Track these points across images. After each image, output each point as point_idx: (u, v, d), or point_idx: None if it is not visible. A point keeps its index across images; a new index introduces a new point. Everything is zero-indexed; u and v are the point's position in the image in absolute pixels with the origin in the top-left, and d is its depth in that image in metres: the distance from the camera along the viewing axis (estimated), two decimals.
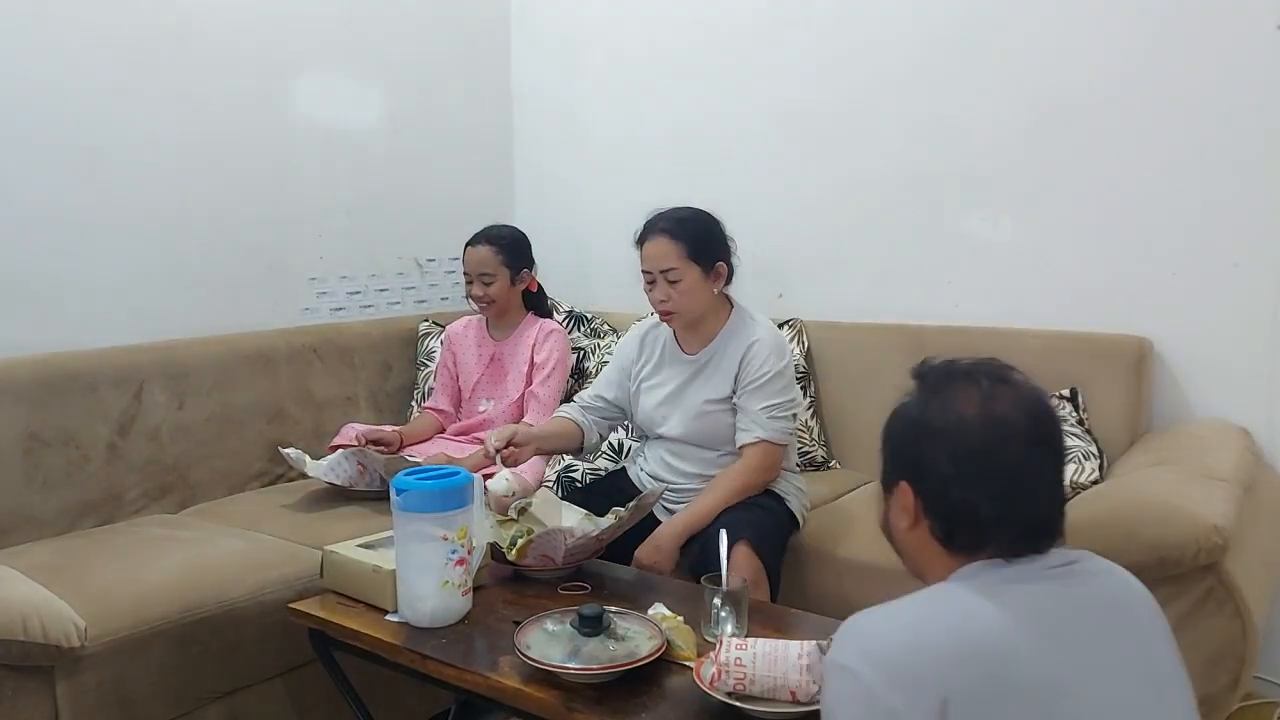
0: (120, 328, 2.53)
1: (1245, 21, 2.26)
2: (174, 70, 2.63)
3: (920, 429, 1.08)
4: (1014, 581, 1.02)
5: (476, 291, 2.67)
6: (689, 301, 2.10)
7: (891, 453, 1.13)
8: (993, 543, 1.04)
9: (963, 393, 1.07)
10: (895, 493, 1.11)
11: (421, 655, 1.59)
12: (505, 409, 2.71)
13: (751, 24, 3.01)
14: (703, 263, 2.10)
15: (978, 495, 1.04)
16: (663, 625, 1.55)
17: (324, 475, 2.47)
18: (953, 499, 1.05)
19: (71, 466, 2.32)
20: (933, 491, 1.07)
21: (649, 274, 2.12)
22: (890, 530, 1.16)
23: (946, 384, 1.09)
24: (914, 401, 1.12)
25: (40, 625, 1.63)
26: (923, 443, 1.07)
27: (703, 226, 2.14)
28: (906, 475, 1.09)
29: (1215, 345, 2.37)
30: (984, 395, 1.06)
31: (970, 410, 1.05)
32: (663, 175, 3.22)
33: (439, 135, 3.35)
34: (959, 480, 1.04)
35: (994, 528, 1.04)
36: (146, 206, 2.60)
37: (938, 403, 1.08)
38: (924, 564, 1.11)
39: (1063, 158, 2.53)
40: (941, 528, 1.07)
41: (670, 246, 2.08)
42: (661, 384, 2.22)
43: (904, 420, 1.11)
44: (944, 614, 0.99)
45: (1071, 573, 1.04)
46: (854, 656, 0.97)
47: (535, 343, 2.70)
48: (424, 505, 1.63)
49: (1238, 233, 2.32)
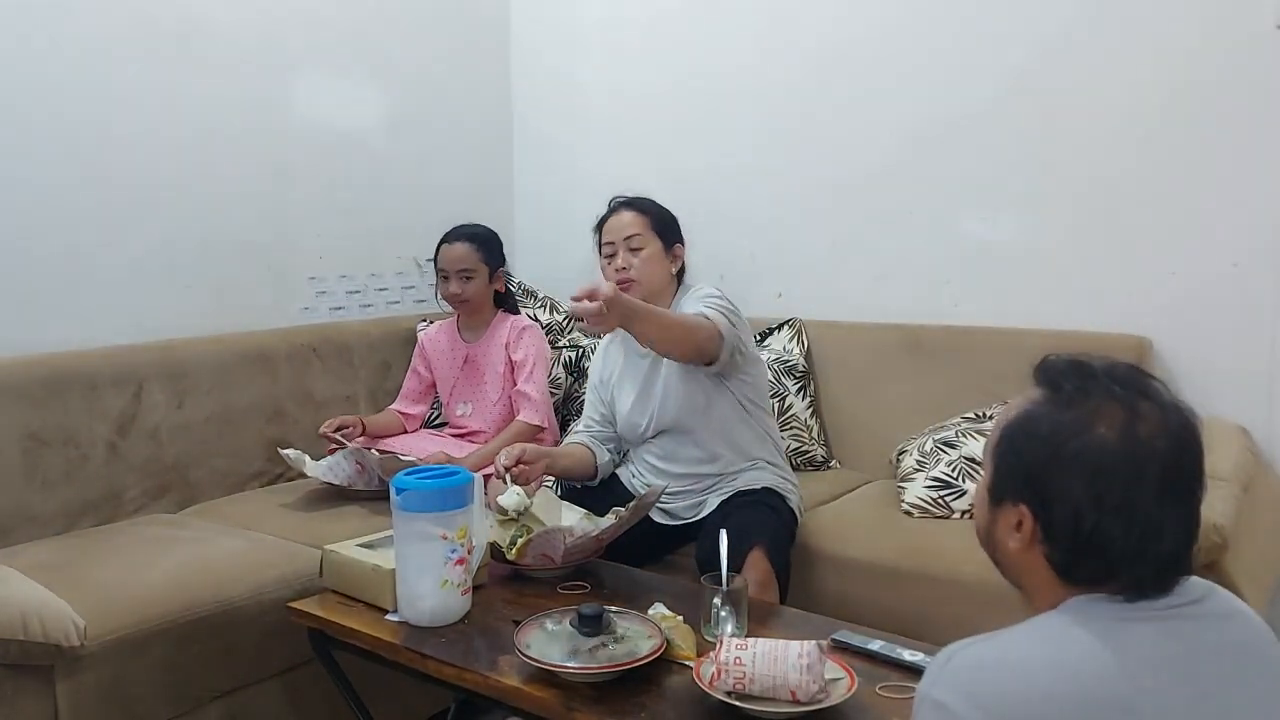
0: (120, 328, 2.53)
1: (1245, 21, 2.26)
2: (174, 70, 2.63)
3: (1053, 450, 0.95)
4: (1135, 620, 0.92)
5: (454, 289, 2.66)
6: (649, 270, 2.14)
7: (1011, 468, 0.99)
8: (1119, 580, 0.94)
9: (1104, 410, 0.94)
10: (1009, 510, 0.99)
11: (421, 655, 1.59)
12: (486, 410, 2.71)
13: (751, 24, 3.01)
14: (665, 238, 2.18)
15: (1113, 530, 0.92)
16: (663, 625, 1.55)
17: (323, 475, 2.47)
18: (1082, 531, 0.93)
19: (71, 466, 2.31)
20: (1060, 521, 0.95)
21: (610, 244, 2.18)
22: (993, 544, 1.04)
23: (1083, 397, 0.96)
24: (1044, 414, 0.97)
25: (40, 625, 1.63)
26: (1054, 466, 0.95)
27: (663, 209, 2.24)
28: (1027, 498, 0.97)
29: (1215, 345, 2.37)
30: (1129, 415, 0.93)
31: (1113, 434, 0.93)
32: (662, 175, 3.20)
33: (439, 135, 3.35)
34: (1093, 513, 0.93)
35: (1125, 565, 0.93)
36: (146, 206, 2.60)
37: (1074, 419, 0.95)
38: (1031, 585, 1.01)
39: (1063, 158, 2.53)
40: (1062, 559, 0.96)
41: (635, 217, 2.18)
42: (628, 378, 2.22)
43: (1032, 436, 0.97)
44: (1058, 658, 0.89)
45: (1199, 613, 0.94)
46: (958, 698, 0.89)
47: (509, 341, 2.70)
48: (424, 505, 1.63)
49: (1238, 233, 2.32)
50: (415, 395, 2.83)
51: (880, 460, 2.59)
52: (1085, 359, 1.00)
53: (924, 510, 2.27)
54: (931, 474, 2.29)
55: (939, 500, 2.26)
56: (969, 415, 2.42)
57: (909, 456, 2.39)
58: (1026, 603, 1.02)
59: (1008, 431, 1.00)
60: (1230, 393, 2.35)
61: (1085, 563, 0.95)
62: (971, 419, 2.40)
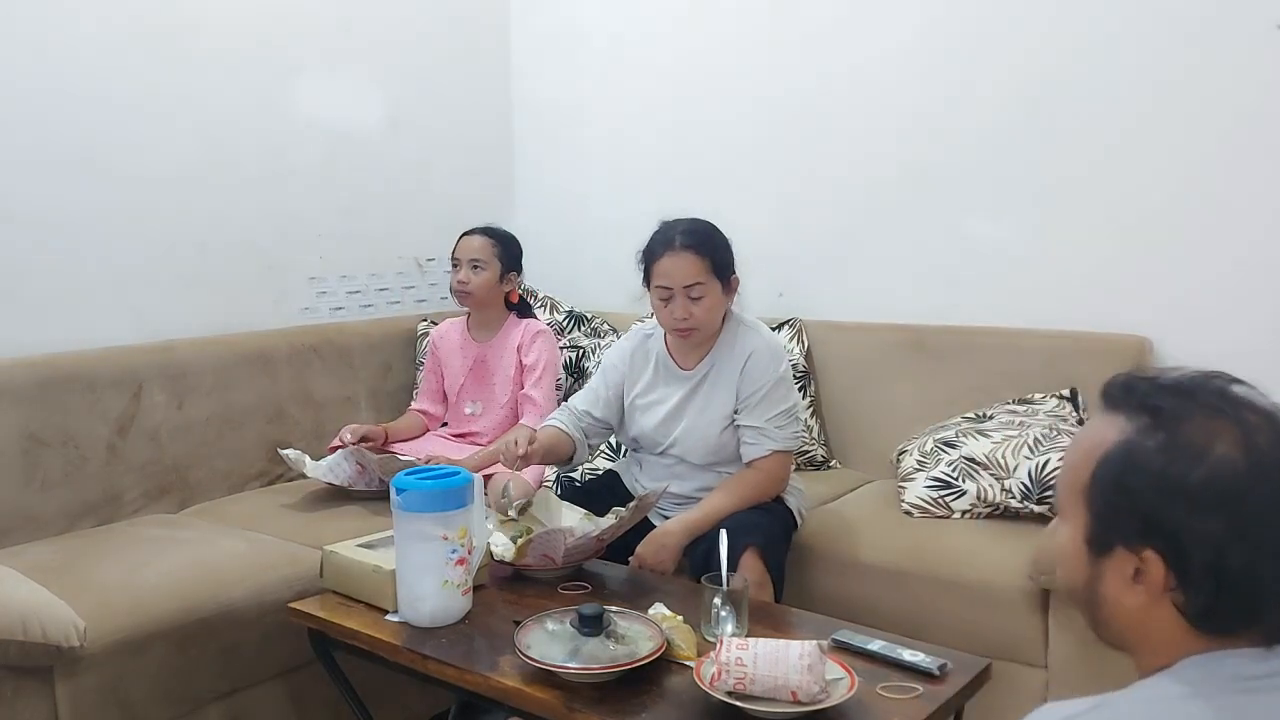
0: (120, 328, 2.53)
1: (1245, 21, 2.26)
2: (174, 70, 2.63)
3: (1175, 483, 0.82)
4: (1264, 691, 0.81)
5: (462, 277, 2.65)
6: (711, 318, 2.06)
7: (1120, 511, 0.86)
8: (1263, 624, 0.83)
9: (1215, 428, 0.83)
10: (1122, 560, 0.86)
11: (421, 655, 1.59)
12: (494, 412, 2.71)
13: (752, 24, 3.01)
14: (723, 277, 2.05)
15: (1262, 564, 0.81)
16: (663, 625, 1.55)
17: (323, 476, 2.47)
18: (1230, 569, 0.81)
19: (71, 467, 2.31)
20: (1201, 562, 0.82)
21: (667, 289, 2.03)
22: (1098, 602, 0.89)
23: (1183, 417, 0.84)
24: (1148, 443, 0.85)
25: (40, 625, 1.63)
26: (1182, 501, 0.82)
27: (721, 239, 2.08)
28: (1154, 542, 0.83)
29: (1215, 345, 2.36)
30: (1241, 430, 0.83)
31: (1235, 453, 0.82)
32: (663, 175, 3.22)
33: (439, 135, 3.35)
34: (1240, 546, 0.81)
35: (1273, 603, 0.83)
36: (146, 206, 2.59)
37: (1188, 444, 0.83)
38: (1149, 643, 0.87)
39: (1063, 158, 2.52)
40: (1203, 605, 0.83)
41: (695, 261, 2.01)
42: (659, 401, 2.16)
43: (1142, 471, 0.84)
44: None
45: None
46: None
47: (522, 344, 2.69)
48: (424, 505, 1.63)
49: (1238, 233, 2.32)
50: (436, 395, 2.81)
51: (880, 460, 2.59)
52: (1159, 373, 0.89)
53: (924, 510, 2.26)
54: (932, 474, 2.29)
55: (939, 500, 2.26)
56: (969, 415, 2.42)
57: (909, 456, 2.39)
58: (1135, 662, 0.90)
59: (1107, 469, 0.86)
60: None
61: (1228, 607, 0.83)
62: (972, 419, 2.40)
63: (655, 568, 1.97)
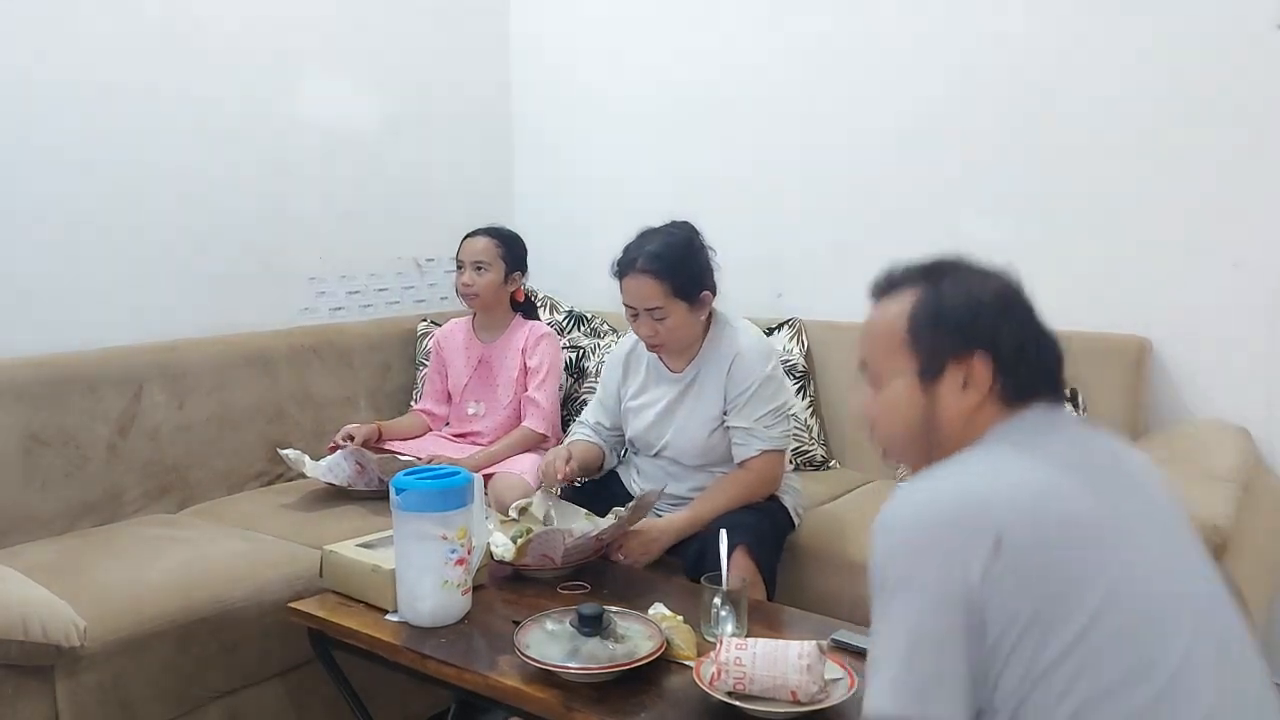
0: (120, 328, 2.53)
1: (1245, 21, 2.26)
2: (174, 70, 2.63)
3: (976, 300, 1.11)
4: (1049, 431, 1.08)
5: (467, 279, 2.65)
6: (677, 336, 2.06)
7: (943, 339, 1.11)
8: (1054, 384, 1.13)
9: (966, 267, 1.16)
10: (952, 373, 1.10)
11: (421, 655, 1.59)
12: (496, 413, 2.71)
13: (752, 23, 3.01)
14: (688, 297, 2.02)
15: (1045, 342, 1.12)
16: (663, 625, 1.55)
17: (323, 475, 2.47)
18: (1027, 351, 1.10)
19: (71, 467, 2.31)
20: (1010, 348, 1.09)
21: (631, 309, 2.04)
22: (932, 424, 1.11)
23: (946, 270, 1.15)
24: (942, 288, 1.13)
25: (40, 625, 1.63)
26: (986, 310, 1.10)
27: (681, 256, 2.02)
28: (976, 346, 1.09)
29: (1215, 345, 2.37)
30: (977, 264, 1.17)
31: (989, 274, 1.15)
32: (662, 175, 3.22)
33: (439, 135, 3.35)
34: (1027, 330, 1.12)
35: (1056, 369, 1.13)
36: (146, 206, 2.60)
37: (964, 278, 1.14)
38: (962, 437, 1.10)
39: (1063, 158, 2.53)
40: (1014, 384, 1.09)
41: (654, 286, 1.98)
42: (651, 404, 2.18)
43: (949, 307, 1.11)
44: (986, 468, 1.03)
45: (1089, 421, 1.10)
46: (904, 520, 1.00)
47: (526, 346, 2.69)
48: (424, 505, 1.63)
49: (1238, 233, 2.32)
50: (440, 395, 2.81)
51: (880, 460, 2.58)
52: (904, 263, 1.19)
53: None
54: None
55: None
56: None
57: None
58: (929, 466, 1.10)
59: (921, 317, 1.12)
60: (1230, 393, 2.35)
61: (1033, 378, 1.11)
62: None
63: (636, 562, 1.97)
